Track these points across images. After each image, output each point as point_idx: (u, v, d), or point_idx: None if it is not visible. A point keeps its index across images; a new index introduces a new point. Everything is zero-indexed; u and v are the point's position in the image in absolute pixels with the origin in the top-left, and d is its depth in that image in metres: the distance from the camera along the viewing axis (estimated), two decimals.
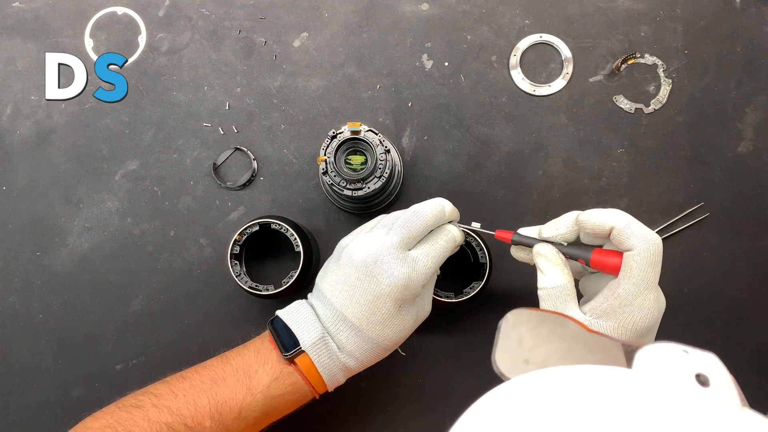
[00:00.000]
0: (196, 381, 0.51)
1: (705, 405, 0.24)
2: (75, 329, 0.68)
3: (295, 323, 0.51)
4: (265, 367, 0.51)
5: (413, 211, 0.51)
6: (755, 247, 0.66)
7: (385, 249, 0.49)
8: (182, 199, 0.69)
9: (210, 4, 0.71)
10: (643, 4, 0.69)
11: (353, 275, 0.50)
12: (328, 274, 0.52)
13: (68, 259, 0.69)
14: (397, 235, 0.50)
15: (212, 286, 0.68)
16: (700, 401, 0.24)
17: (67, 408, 0.67)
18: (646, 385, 0.25)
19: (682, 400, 0.24)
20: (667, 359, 0.26)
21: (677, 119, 0.68)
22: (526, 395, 0.26)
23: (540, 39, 0.69)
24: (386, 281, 0.49)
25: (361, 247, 0.50)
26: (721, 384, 0.25)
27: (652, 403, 0.24)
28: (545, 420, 0.24)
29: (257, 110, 0.70)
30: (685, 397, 0.24)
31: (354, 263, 0.50)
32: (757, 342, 0.66)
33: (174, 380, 0.52)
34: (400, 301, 0.49)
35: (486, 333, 0.66)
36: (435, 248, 0.52)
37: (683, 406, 0.24)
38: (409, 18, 0.70)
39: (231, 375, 0.51)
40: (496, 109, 0.69)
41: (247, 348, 0.53)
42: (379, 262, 0.49)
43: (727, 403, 0.24)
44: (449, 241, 0.53)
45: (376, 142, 0.59)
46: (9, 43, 0.72)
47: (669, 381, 0.25)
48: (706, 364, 0.26)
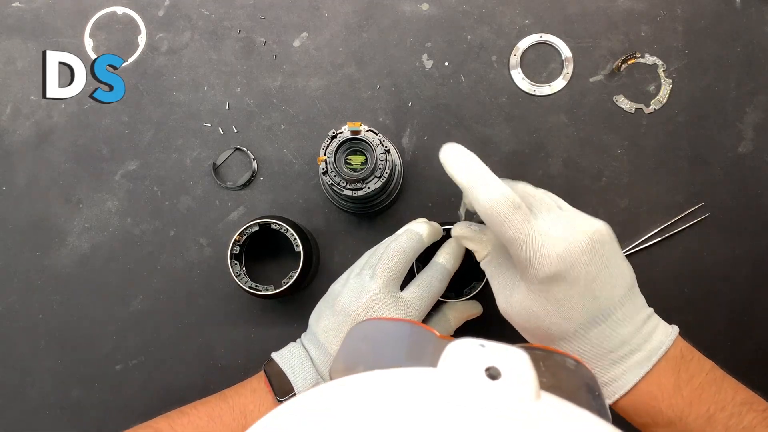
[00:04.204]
0: (194, 417, 0.52)
1: (491, 399, 0.23)
2: (75, 329, 0.68)
3: (290, 368, 0.53)
4: (261, 408, 0.53)
5: (389, 250, 0.53)
6: (755, 247, 0.66)
7: (374, 296, 0.51)
8: (182, 199, 0.69)
9: (210, 4, 0.71)
10: (643, 4, 0.69)
11: (347, 324, 0.51)
12: (322, 320, 0.53)
13: (68, 259, 0.69)
14: (381, 279, 0.52)
15: (212, 286, 0.68)
16: (487, 395, 0.24)
17: (67, 408, 0.67)
18: (439, 383, 0.25)
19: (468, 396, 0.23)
20: (461, 355, 0.25)
21: (677, 119, 0.68)
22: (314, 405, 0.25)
23: (540, 39, 0.69)
24: (364, 316, 0.50)
25: (351, 296, 0.52)
26: (515, 377, 0.24)
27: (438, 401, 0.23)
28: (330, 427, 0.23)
29: (257, 110, 0.70)
30: (472, 392, 0.24)
31: (346, 312, 0.52)
32: (757, 342, 0.66)
33: (174, 415, 0.53)
34: None
35: (486, 332, 0.66)
36: (429, 290, 0.53)
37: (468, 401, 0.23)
38: (409, 18, 0.70)
39: (227, 413, 0.52)
40: (496, 109, 0.69)
41: (244, 387, 0.55)
42: (370, 311, 0.51)
43: (517, 395, 0.24)
44: (443, 280, 0.55)
45: (376, 142, 0.59)
46: (9, 43, 0.72)
47: (460, 377, 0.24)
48: (500, 357, 0.25)
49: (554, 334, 0.46)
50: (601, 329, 0.45)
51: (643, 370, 0.45)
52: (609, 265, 0.45)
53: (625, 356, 0.45)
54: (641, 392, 0.45)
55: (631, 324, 0.45)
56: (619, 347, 0.45)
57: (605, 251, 0.45)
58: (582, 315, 0.44)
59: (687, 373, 0.45)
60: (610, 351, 0.45)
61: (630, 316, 0.46)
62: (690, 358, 0.46)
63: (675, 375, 0.45)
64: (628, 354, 0.45)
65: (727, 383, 0.46)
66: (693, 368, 0.46)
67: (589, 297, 0.44)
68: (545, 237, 0.44)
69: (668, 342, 0.46)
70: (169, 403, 0.66)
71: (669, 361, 0.45)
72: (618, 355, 0.45)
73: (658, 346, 0.45)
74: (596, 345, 0.45)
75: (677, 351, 0.46)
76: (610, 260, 0.45)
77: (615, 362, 0.45)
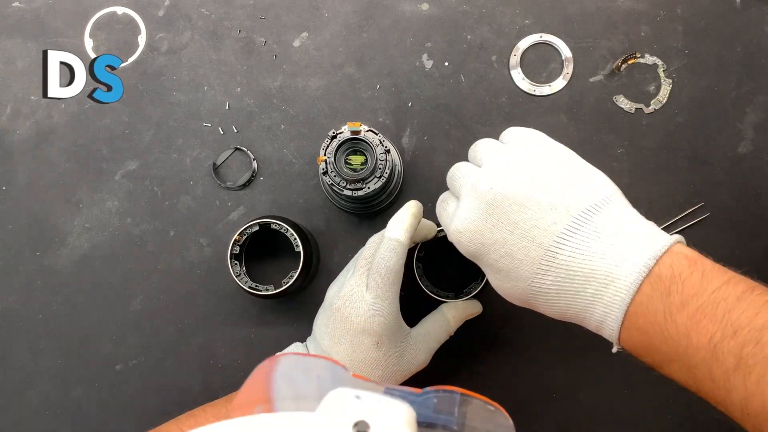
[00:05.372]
0: (201, 419, 0.53)
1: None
2: (75, 329, 0.68)
3: None
4: None
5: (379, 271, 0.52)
6: (755, 247, 0.66)
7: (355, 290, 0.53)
8: (182, 199, 0.69)
9: (210, 4, 0.71)
10: (643, 4, 0.69)
11: (333, 319, 0.53)
12: (319, 319, 0.56)
13: (68, 259, 0.69)
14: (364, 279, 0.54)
15: (212, 286, 0.68)
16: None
17: (67, 408, 0.67)
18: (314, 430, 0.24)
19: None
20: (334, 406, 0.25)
21: (677, 119, 0.68)
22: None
23: (540, 39, 0.69)
24: (357, 318, 0.52)
25: (339, 293, 0.54)
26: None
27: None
28: None
29: (257, 110, 0.70)
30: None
31: (332, 307, 0.54)
32: None
33: (183, 418, 0.55)
34: (377, 337, 0.52)
35: (485, 332, 0.66)
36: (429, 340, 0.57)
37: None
38: (409, 18, 0.70)
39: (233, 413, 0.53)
40: (496, 109, 0.69)
41: None
42: (348, 303, 0.52)
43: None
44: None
45: (376, 142, 0.59)
46: (9, 43, 0.72)
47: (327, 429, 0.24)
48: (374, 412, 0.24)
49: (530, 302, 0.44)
50: (554, 268, 0.40)
51: (620, 300, 0.38)
52: (525, 208, 0.41)
53: (599, 291, 0.39)
54: (631, 329, 0.38)
55: (592, 251, 0.39)
56: (587, 280, 0.39)
57: (504, 209, 0.42)
58: (528, 268, 0.41)
59: (680, 295, 0.37)
60: (580, 289, 0.39)
61: (585, 243, 0.39)
62: (687, 275, 0.38)
63: (663, 300, 0.37)
64: (603, 287, 0.39)
65: (745, 302, 0.36)
66: (691, 288, 0.37)
67: (521, 246, 0.41)
68: (451, 217, 0.47)
69: (646, 260, 0.38)
70: (169, 403, 0.66)
71: (654, 284, 0.38)
72: (592, 289, 0.39)
73: (633, 269, 0.38)
74: (561, 288, 0.40)
75: (665, 269, 0.38)
76: (527, 201, 0.41)
77: (592, 301, 0.39)
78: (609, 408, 0.65)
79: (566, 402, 0.65)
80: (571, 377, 0.65)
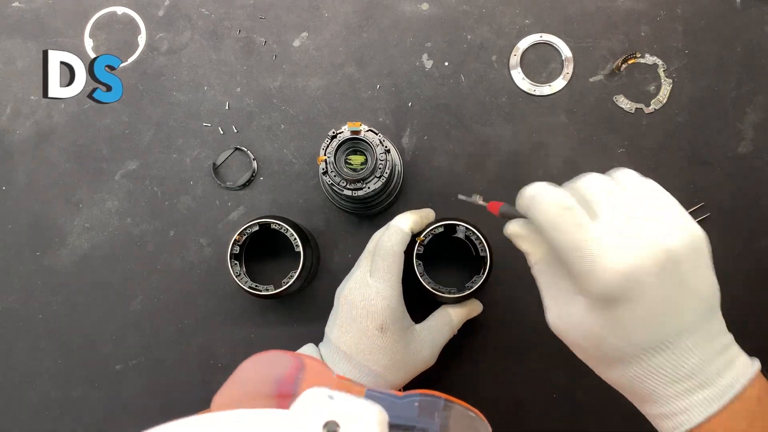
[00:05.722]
0: None
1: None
2: (75, 329, 0.68)
3: None
4: None
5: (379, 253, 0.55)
6: (755, 247, 0.66)
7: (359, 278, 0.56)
8: (182, 199, 0.69)
9: (210, 4, 0.71)
10: (643, 4, 0.69)
11: (341, 308, 0.56)
12: (330, 317, 0.58)
13: (68, 259, 0.69)
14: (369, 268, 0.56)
15: (212, 286, 0.68)
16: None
17: (67, 408, 0.67)
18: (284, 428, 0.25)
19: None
20: (306, 405, 0.25)
21: (677, 119, 0.68)
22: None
23: (540, 39, 0.69)
24: (362, 302, 0.54)
25: (346, 284, 0.57)
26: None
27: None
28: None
29: (257, 110, 0.70)
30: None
31: (340, 297, 0.56)
32: (757, 342, 0.66)
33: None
34: (381, 320, 0.53)
35: (488, 327, 0.66)
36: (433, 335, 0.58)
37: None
38: (409, 18, 0.70)
39: None
40: (496, 109, 0.69)
41: None
42: (353, 290, 0.55)
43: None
44: (447, 328, 0.59)
45: (376, 142, 0.59)
46: (9, 43, 0.72)
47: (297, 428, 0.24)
48: (344, 412, 0.25)
49: (611, 356, 0.40)
50: (666, 356, 0.39)
51: (711, 409, 0.39)
52: (683, 286, 0.39)
53: (691, 390, 0.39)
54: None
55: (703, 353, 0.39)
56: (685, 378, 0.39)
57: (681, 270, 0.38)
58: (645, 339, 0.39)
59: (764, 421, 0.39)
60: (674, 381, 0.39)
61: (702, 344, 0.39)
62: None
63: (748, 421, 0.38)
64: (696, 388, 0.39)
65: None
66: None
67: (655, 321, 0.38)
68: (604, 247, 0.38)
69: (744, 380, 0.39)
70: (169, 403, 0.66)
71: (743, 403, 0.39)
72: (684, 387, 0.39)
73: (731, 384, 0.39)
74: (659, 373, 0.39)
75: (755, 392, 0.39)
76: (686, 280, 0.39)
77: (679, 395, 0.39)
78: (609, 408, 0.64)
79: (566, 402, 0.65)
80: (571, 377, 0.65)
